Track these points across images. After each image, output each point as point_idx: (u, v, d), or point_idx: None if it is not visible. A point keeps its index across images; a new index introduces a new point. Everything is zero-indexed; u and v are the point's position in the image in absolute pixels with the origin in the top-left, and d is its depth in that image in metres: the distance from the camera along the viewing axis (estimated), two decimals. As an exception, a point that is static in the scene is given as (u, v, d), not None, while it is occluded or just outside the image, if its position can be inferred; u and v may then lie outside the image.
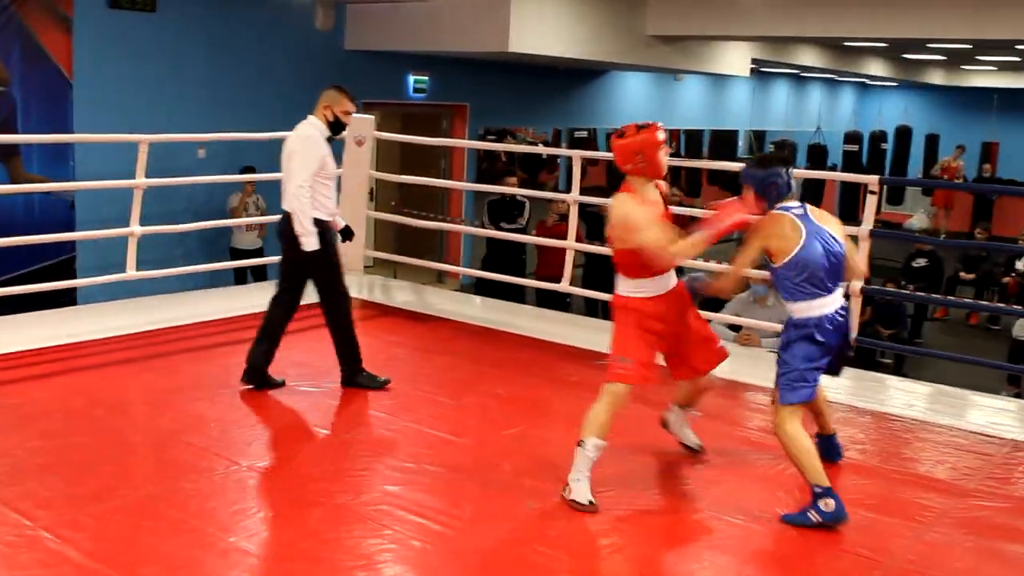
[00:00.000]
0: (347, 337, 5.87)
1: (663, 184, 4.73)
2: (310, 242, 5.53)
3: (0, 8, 9.14)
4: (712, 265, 6.45)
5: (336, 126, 5.92)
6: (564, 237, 7.78)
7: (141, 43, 10.26)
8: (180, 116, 10.22)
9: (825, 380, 4.55)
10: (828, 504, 4.15)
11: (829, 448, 4.84)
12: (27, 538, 3.85)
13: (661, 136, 4.46)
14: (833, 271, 4.37)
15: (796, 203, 4.46)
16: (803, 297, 4.36)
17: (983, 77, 24.47)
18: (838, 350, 4.50)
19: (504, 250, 10.38)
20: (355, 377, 5.84)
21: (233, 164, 10.32)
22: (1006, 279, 14.06)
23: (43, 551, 3.76)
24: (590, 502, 4.25)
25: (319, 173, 5.71)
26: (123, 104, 9.98)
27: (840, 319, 4.44)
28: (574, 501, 4.27)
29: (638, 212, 4.40)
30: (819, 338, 4.33)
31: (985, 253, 15.11)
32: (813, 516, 4.16)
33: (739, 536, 4.18)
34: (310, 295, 5.81)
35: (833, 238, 4.40)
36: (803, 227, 4.35)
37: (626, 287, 4.56)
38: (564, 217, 10.12)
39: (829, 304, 4.37)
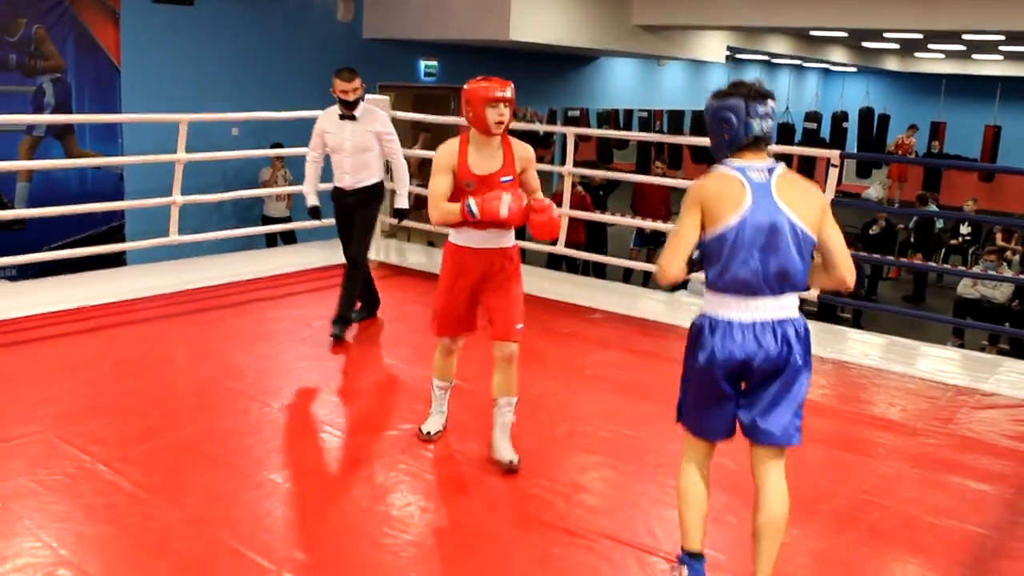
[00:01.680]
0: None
1: (520, 145, 4.07)
2: (307, 200, 6.06)
3: (55, 4, 9.07)
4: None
5: (342, 103, 5.91)
6: (580, 205, 7.73)
7: (181, 34, 10.20)
8: (215, 98, 10.15)
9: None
10: (681, 573, 3.11)
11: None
12: (85, 470, 3.86)
13: (490, 92, 3.84)
14: (774, 267, 2.88)
15: (761, 162, 2.94)
16: (716, 290, 2.98)
17: (932, 64, 24.38)
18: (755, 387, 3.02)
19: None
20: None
21: (263, 140, 10.27)
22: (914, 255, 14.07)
23: (99, 482, 3.78)
24: (431, 433, 4.32)
25: (324, 147, 5.95)
26: (165, 88, 9.92)
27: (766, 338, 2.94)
28: (419, 429, 4.35)
29: (439, 158, 3.98)
30: (714, 355, 2.97)
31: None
32: None
33: (714, 469, 4.19)
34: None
35: (792, 225, 2.87)
36: (749, 194, 2.88)
37: (453, 230, 4.10)
38: (573, 186, 10.12)
39: (753, 310, 2.94)
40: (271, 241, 10.36)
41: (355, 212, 5.96)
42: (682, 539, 3.14)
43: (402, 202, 6.15)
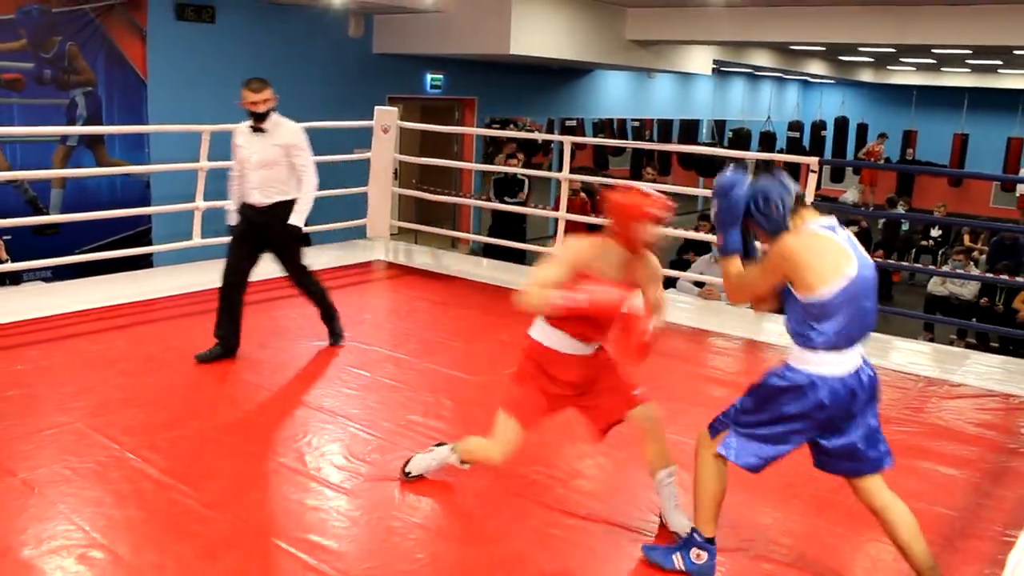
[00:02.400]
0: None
1: (652, 260, 3.37)
2: (227, 218, 5.40)
3: (87, 22, 9.07)
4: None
5: (251, 115, 5.38)
6: (582, 210, 7.71)
7: (203, 49, 10.19)
8: (236, 109, 10.12)
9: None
10: (700, 556, 3.15)
11: None
12: (115, 458, 3.86)
13: (648, 209, 3.16)
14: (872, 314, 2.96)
15: (827, 219, 2.95)
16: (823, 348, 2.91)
17: (904, 76, 24.36)
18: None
19: (507, 220, 10.34)
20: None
21: (281, 149, 10.28)
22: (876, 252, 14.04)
23: (128, 469, 3.78)
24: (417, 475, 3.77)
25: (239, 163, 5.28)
26: (189, 100, 9.91)
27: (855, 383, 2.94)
28: (408, 473, 3.77)
29: (561, 257, 3.29)
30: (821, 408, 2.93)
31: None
32: (677, 561, 3.19)
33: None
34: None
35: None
36: (849, 249, 2.89)
37: (539, 330, 3.45)
38: (575, 192, 10.13)
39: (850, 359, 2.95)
40: (288, 243, 10.36)
41: (267, 235, 5.22)
42: (704, 526, 3.15)
43: (298, 219, 5.18)
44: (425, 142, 13.21)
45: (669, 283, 8.75)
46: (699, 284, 7.66)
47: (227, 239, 5.38)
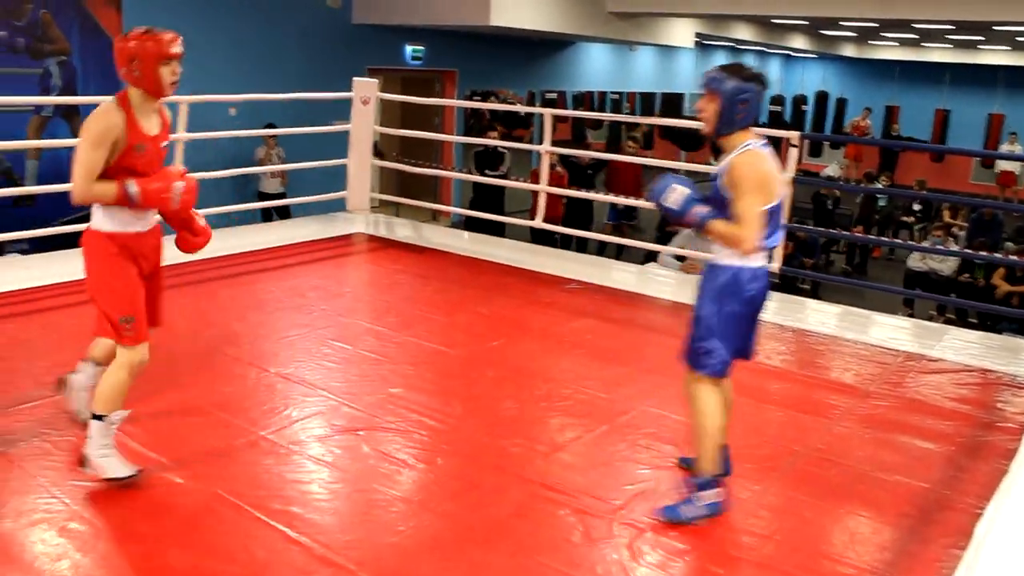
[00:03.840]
0: None
1: (166, 112, 3.52)
2: None
3: (60, -12, 8.96)
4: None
5: None
6: (558, 184, 7.71)
7: (180, 19, 10.06)
8: (214, 80, 10.05)
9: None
10: (716, 495, 3.36)
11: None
12: (92, 432, 3.85)
13: (171, 48, 3.25)
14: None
15: (760, 140, 3.28)
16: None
17: (886, 51, 24.43)
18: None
19: (487, 193, 10.35)
20: None
21: (258, 121, 10.21)
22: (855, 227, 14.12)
23: (106, 443, 3.77)
24: (134, 472, 3.38)
25: None
26: (165, 70, 9.84)
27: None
28: (114, 478, 3.34)
29: (97, 124, 3.22)
30: (757, 294, 3.31)
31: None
32: (688, 511, 3.35)
33: (683, 429, 4.23)
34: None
35: None
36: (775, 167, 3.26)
37: (103, 217, 3.36)
38: (552, 166, 10.12)
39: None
40: (266, 216, 10.31)
41: None
42: (710, 466, 3.36)
43: None
44: (406, 115, 13.15)
45: (650, 256, 8.79)
46: (680, 258, 7.69)
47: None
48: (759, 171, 3.19)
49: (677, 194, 3.28)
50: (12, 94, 8.54)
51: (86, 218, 3.46)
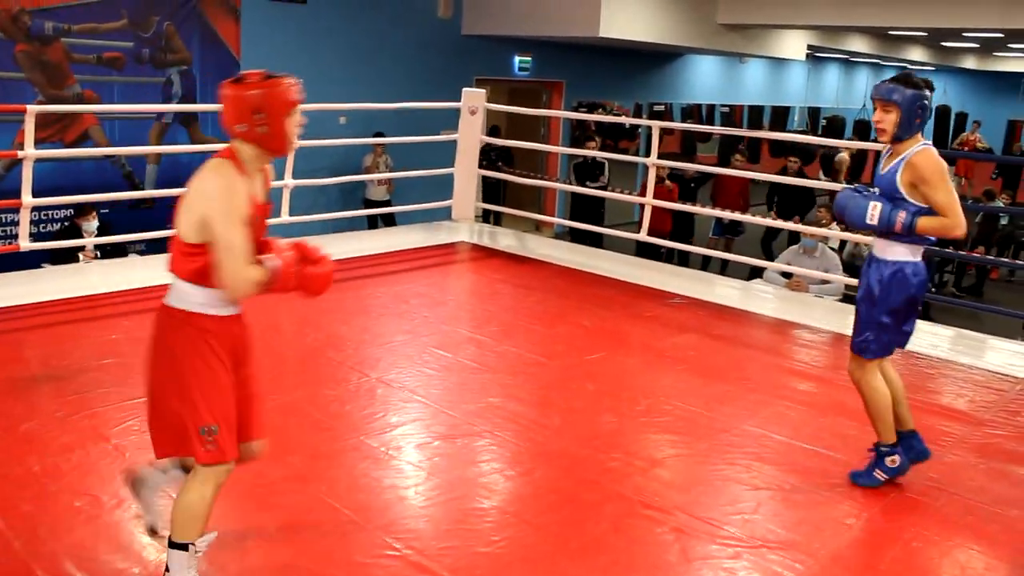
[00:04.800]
0: None
1: (270, 170, 2.84)
2: None
3: (184, 2, 9.30)
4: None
5: None
6: (665, 198, 7.64)
7: (294, 30, 10.36)
8: (325, 89, 10.28)
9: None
10: (894, 461, 3.73)
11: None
12: (200, 430, 3.96)
13: (296, 95, 2.69)
14: None
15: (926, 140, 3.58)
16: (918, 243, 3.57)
17: (1011, 63, 23.47)
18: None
19: (587, 204, 10.32)
20: None
21: (367, 129, 10.40)
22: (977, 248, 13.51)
23: (212, 441, 3.87)
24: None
25: None
26: (280, 79, 10.11)
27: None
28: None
29: (227, 195, 2.58)
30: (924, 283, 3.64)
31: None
32: (879, 475, 3.73)
33: (784, 450, 4.13)
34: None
35: None
36: None
37: (195, 297, 2.67)
38: (661, 180, 10.05)
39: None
40: (372, 223, 10.49)
41: None
42: (889, 435, 3.73)
43: None
44: (512, 125, 13.23)
45: (755, 273, 8.61)
46: (786, 275, 7.52)
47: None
48: (943, 164, 3.50)
49: (877, 210, 3.53)
50: (136, 102, 8.91)
51: None
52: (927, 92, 3.50)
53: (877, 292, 3.63)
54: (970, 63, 23.20)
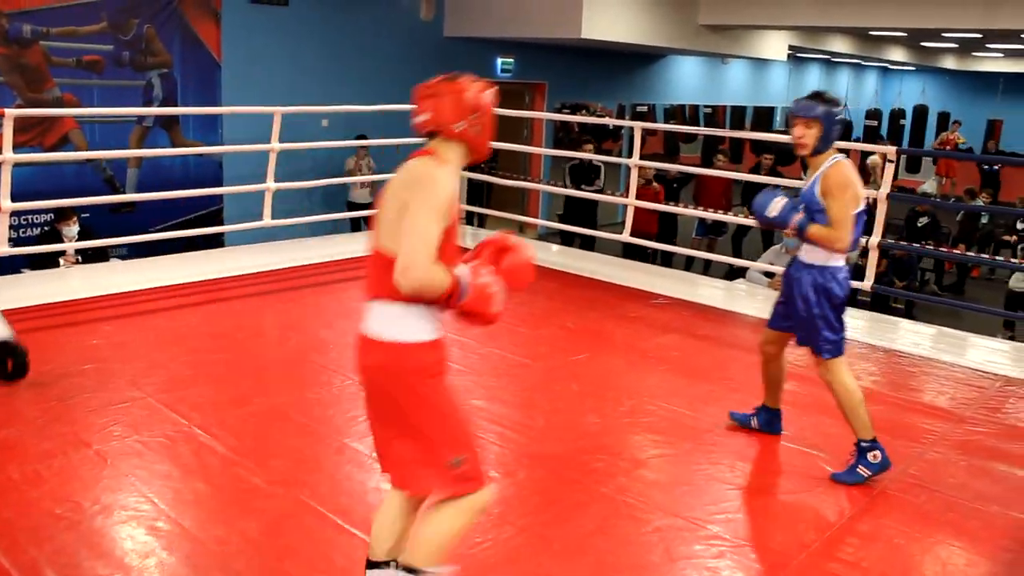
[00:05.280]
0: None
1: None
2: None
3: (164, 5, 9.25)
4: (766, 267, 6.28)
5: None
6: (653, 199, 7.66)
7: (276, 32, 10.32)
8: (307, 92, 10.26)
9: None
10: (875, 456, 3.79)
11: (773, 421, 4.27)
12: (183, 433, 3.96)
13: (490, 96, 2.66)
14: None
15: (841, 153, 3.78)
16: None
17: (990, 63, 23.64)
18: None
19: (581, 207, 10.32)
20: None
21: (350, 132, 10.37)
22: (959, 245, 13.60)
23: (196, 444, 3.87)
24: None
25: None
26: (261, 82, 10.06)
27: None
28: None
29: (444, 189, 2.41)
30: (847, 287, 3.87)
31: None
32: (863, 471, 3.79)
33: (765, 451, 4.15)
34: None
35: None
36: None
37: (417, 325, 2.51)
38: (648, 182, 10.07)
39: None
40: (355, 226, 10.46)
41: None
42: (864, 432, 3.80)
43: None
44: (495, 126, 13.23)
45: (738, 272, 8.65)
46: (769, 274, 7.55)
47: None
48: (849, 179, 3.69)
49: (780, 205, 3.80)
50: (117, 105, 8.85)
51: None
52: (840, 108, 3.77)
53: (814, 296, 3.81)
54: (950, 63, 23.36)
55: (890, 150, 6.27)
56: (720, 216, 8.65)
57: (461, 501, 2.52)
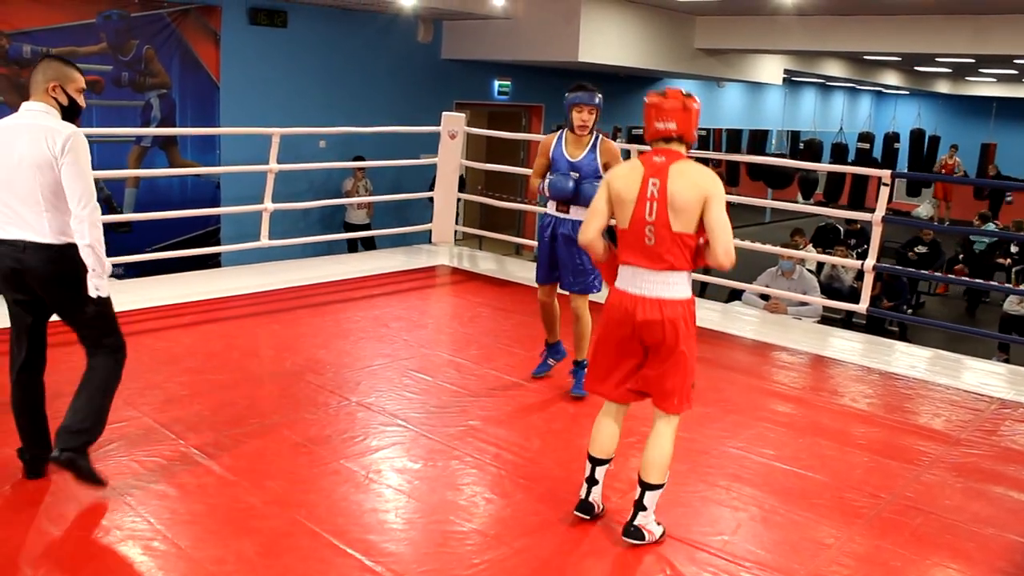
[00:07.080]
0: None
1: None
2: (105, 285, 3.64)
3: (164, 26, 9.31)
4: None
5: (72, 110, 3.49)
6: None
7: (275, 54, 10.38)
8: (305, 113, 10.31)
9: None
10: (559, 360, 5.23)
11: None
12: (180, 453, 3.95)
13: None
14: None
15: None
16: None
17: (983, 87, 23.82)
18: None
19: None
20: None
21: (347, 153, 10.41)
22: (956, 267, 13.65)
23: (192, 464, 3.86)
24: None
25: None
26: (259, 103, 10.11)
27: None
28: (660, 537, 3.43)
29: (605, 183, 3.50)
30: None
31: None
32: (551, 361, 5.21)
33: (764, 471, 4.15)
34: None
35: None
36: None
37: (689, 286, 3.39)
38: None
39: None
40: (352, 247, 10.49)
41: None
42: (583, 352, 4.93)
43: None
44: (492, 148, 13.28)
45: (734, 295, 8.67)
46: (764, 297, 7.58)
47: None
48: (617, 148, 4.97)
49: (571, 183, 4.76)
50: (115, 125, 8.90)
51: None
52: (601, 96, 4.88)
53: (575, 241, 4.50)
54: (943, 87, 23.54)
55: (885, 173, 6.31)
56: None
57: (672, 420, 3.38)
